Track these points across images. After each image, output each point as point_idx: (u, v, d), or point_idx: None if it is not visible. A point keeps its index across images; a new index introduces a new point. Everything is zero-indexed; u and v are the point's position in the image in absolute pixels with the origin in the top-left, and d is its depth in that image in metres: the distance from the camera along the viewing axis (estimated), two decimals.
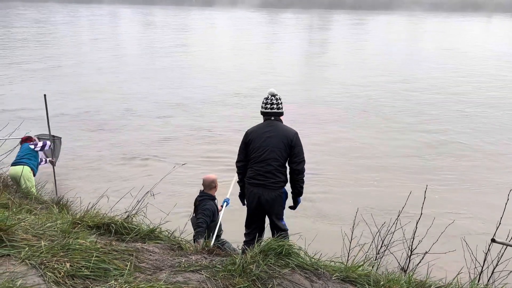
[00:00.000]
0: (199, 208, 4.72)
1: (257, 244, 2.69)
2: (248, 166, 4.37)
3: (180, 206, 6.38)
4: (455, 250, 3.53)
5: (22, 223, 2.58)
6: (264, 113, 4.40)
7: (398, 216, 3.33)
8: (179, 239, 3.00)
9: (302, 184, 4.37)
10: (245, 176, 4.40)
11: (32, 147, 6.81)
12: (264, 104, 4.39)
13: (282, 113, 4.42)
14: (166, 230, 3.07)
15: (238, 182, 4.56)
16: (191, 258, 2.56)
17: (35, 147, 6.84)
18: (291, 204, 4.54)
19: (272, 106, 4.36)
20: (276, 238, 2.75)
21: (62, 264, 2.13)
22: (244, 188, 4.43)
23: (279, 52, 28.63)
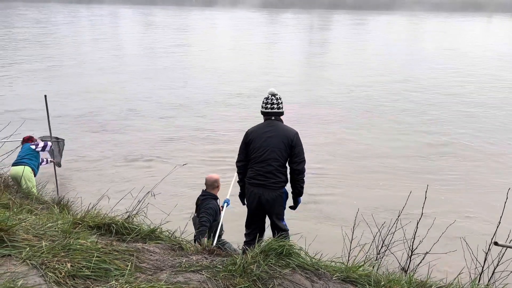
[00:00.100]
0: (201, 207, 4.71)
1: (257, 244, 2.69)
2: (249, 166, 4.37)
3: (181, 206, 6.38)
4: (455, 251, 3.53)
5: (23, 223, 2.58)
6: (264, 113, 4.40)
7: (398, 216, 3.33)
8: (180, 239, 3.00)
9: (302, 184, 4.37)
10: (245, 176, 4.40)
11: (33, 147, 6.83)
12: (264, 104, 4.38)
13: (283, 113, 4.42)
14: (167, 230, 3.06)
15: (238, 182, 4.56)
16: (191, 258, 2.56)
17: (36, 147, 6.87)
18: (291, 204, 4.55)
19: (272, 106, 4.35)
20: (277, 238, 2.75)
21: (63, 264, 2.13)
22: (244, 188, 4.43)
23: (280, 52, 28.60)
